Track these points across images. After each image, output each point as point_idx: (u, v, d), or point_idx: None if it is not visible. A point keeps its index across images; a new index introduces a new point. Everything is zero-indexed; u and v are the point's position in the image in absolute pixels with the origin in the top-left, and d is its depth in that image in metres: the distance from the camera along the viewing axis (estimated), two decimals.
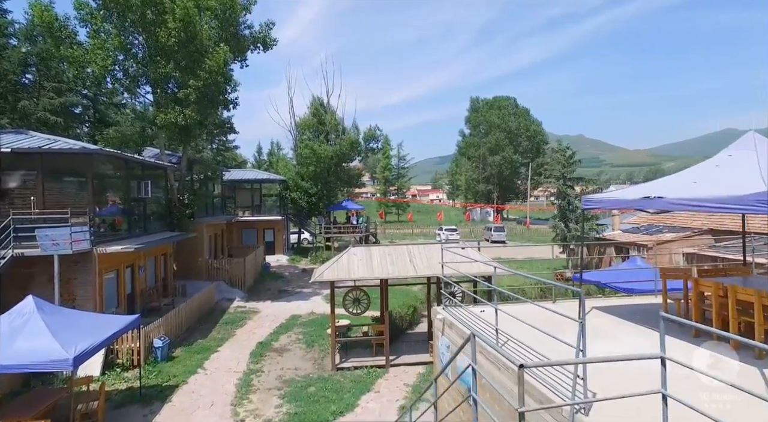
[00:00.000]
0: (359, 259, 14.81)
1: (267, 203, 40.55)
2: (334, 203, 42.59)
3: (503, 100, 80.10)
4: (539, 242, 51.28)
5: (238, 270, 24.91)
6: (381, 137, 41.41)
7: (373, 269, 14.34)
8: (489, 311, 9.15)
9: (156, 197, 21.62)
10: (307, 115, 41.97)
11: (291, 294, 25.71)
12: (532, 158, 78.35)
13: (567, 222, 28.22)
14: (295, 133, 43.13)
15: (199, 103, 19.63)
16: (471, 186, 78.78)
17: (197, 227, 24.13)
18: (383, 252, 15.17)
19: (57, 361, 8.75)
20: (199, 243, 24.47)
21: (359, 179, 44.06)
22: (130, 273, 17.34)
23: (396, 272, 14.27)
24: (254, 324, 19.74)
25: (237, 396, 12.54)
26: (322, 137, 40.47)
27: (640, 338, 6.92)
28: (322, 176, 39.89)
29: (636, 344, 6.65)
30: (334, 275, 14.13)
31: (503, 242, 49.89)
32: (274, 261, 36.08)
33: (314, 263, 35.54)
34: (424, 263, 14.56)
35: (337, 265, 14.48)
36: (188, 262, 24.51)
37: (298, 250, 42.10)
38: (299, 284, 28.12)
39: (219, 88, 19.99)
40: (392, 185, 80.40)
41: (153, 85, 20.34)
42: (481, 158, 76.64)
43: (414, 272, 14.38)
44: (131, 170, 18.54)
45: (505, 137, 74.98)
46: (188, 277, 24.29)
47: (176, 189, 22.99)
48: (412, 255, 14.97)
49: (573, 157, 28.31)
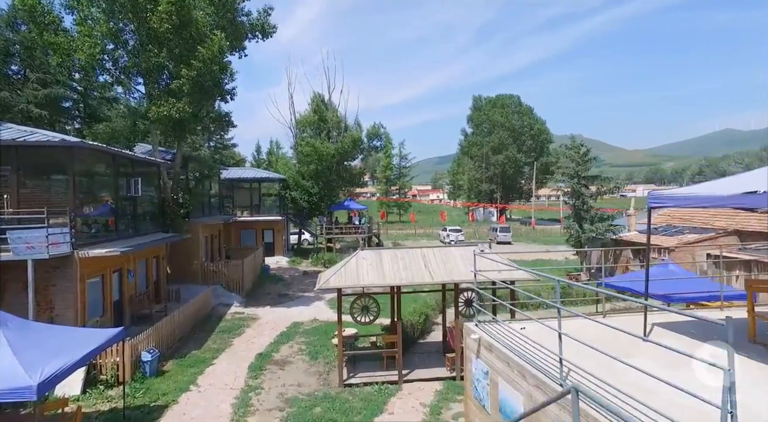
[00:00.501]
0: (369, 264, 13.42)
1: (266, 202, 39.15)
2: (336, 202, 41.19)
3: (506, 98, 78.65)
4: (545, 242, 49.95)
5: (235, 274, 23.49)
6: (384, 135, 39.97)
7: (384, 275, 12.95)
8: (529, 327, 7.79)
9: (148, 195, 20.22)
10: (307, 112, 40.58)
11: (292, 299, 24.30)
12: (536, 157, 76.98)
13: (581, 223, 26.82)
14: (296, 130, 41.74)
15: (193, 95, 18.23)
16: (474, 186, 77.38)
17: (192, 227, 22.72)
18: (395, 256, 13.77)
19: (18, 390, 7.31)
20: (194, 245, 23.05)
21: (361, 178, 42.62)
22: (117, 278, 15.94)
23: (410, 279, 12.89)
24: (253, 332, 18.34)
25: (233, 420, 11.13)
26: (324, 134, 39.07)
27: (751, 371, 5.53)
28: (323, 174, 38.48)
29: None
30: (342, 282, 12.73)
31: (509, 242, 48.58)
32: (273, 263, 34.67)
33: (315, 265, 34.16)
34: (440, 269, 13.18)
35: (344, 270, 13.09)
36: (183, 265, 23.10)
37: (299, 251, 40.70)
38: (300, 288, 26.72)
39: (214, 78, 18.58)
40: (393, 185, 78.97)
41: (145, 76, 18.91)
42: (484, 157, 75.25)
43: (430, 279, 13.00)
44: (120, 166, 17.13)
45: (509, 135, 73.55)
46: (183, 281, 22.88)
47: (170, 187, 21.59)
48: (427, 260, 13.59)
49: (588, 154, 26.93)
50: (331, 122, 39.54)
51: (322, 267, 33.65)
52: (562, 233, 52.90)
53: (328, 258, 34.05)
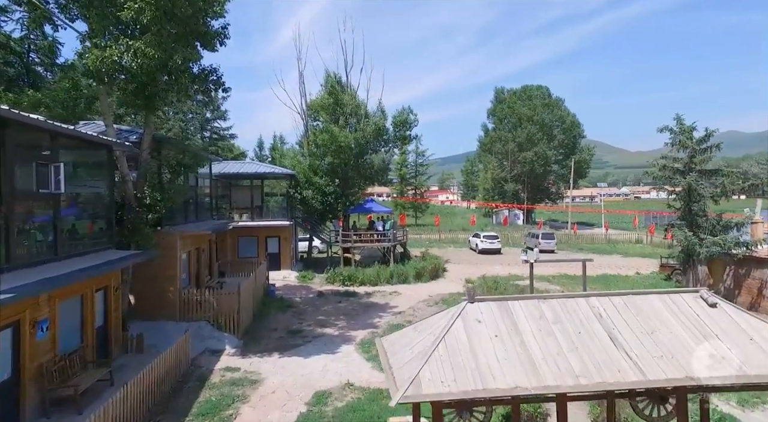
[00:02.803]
0: (491, 334, 6.45)
1: (269, 203, 32.22)
2: (355, 204, 34.22)
3: (534, 89, 71.30)
4: (592, 250, 42.86)
5: (229, 305, 16.55)
6: (415, 123, 33.00)
7: (537, 369, 5.96)
8: None
9: (93, 193, 13.31)
10: (321, 94, 33.60)
11: (308, 339, 17.32)
12: (567, 153, 69.73)
13: (697, 232, 19.77)
14: (306, 118, 34.78)
15: (160, 32, 11.34)
16: (497, 185, 70.17)
17: (166, 240, 15.81)
18: (540, 316, 6.77)
19: None
20: (169, 265, 16.13)
21: (385, 174, 35.60)
22: (9, 339, 8.98)
23: (590, 374, 5.91)
24: (253, 416, 11.37)
25: None
26: (341, 120, 32.11)
27: None
28: (340, 169, 31.55)
29: None
30: (445, 386, 5.76)
31: (552, 251, 41.54)
32: (280, 279, 27.72)
33: (333, 283, 27.20)
34: (647, 348, 6.21)
35: (443, 352, 6.14)
36: (154, 292, 16.21)
37: (309, 262, 33.72)
38: (318, 320, 19.77)
39: (193, 4, 11.61)
40: (409, 185, 71.77)
41: (85, 5, 11.98)
42: (509, 154, 68.12)
43: (635, 374, 6.00)
44: (30, 140, 10.22)
45: (538, 130, 66.30)
46: (154, 315, 15.98)
47: (132, 182, 14.67)
48: (609, 324, 6.60)
49: (707, 140, 19.87)
50: (348, 107, 32.57)
51: (341, 286, 26.71)
52: (630, 242, 45.51)
53: (348, 275, 27.09)
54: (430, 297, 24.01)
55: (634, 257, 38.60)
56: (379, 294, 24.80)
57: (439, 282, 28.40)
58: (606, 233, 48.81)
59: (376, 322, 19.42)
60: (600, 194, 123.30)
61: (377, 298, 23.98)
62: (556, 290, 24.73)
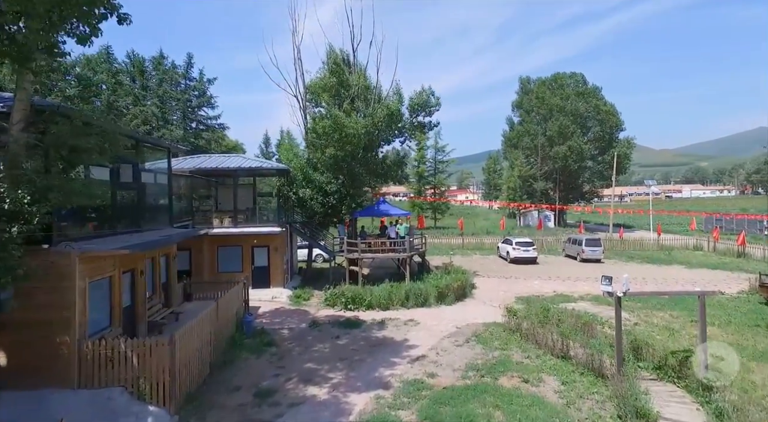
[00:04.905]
0: None
1: (260, 205, 26.62)
2: (364, 205, 28.41)
3: (566, 77, 64.31)
4: (645, 259, 36.24)
5: (159, 361, 10.82)
6: (437, 108, 26.97)
7: None
8: None
9: None
10: (323, 73, 27.86)
11: (280, 406, 11.46)
12: (604, 148, 62.70)
13: None
14: (304, 102, 29.08)
15: None
16: (525, 184, 63.61)
17: (55, 264, 10.18)
18: None
19: None
20: (60, 302, 10.48)
21: (401, 169, 29.61)
22: None
23: None
24: None
25: None
26: (346, 103, 26.33)
27: None
28: (346, 163, 25.78)
29: None
30: None
31: (599, 260, 35.17)
32: (267, 300, 22.07)
33: (333, 306, 21.40)
34: None
35: None
36: (35, 347, 10.58)
37: (309, 276, 28.02)
38: (303, 368, 13.94)
39: None
40: (428, 184, 65.63)
41: None
42: (539, 149, 61.48)
43: None
44: None
45: (571, 122, 59.49)
46: (38, 381, 10.39)
47: None
48: None
49: None
50: (356, 88, 26.78)
51: (343, 309, 20.89)
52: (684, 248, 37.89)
53: (352, 296, 21.25)
54: (458, 330, 18.06)
55: (700, 269, 31.95)
56: (391, 324, 18.94)
57: (467, 305, 22.39)
58: (659, 238, 42.03)
59: (386, 376, 13.51)
60: (631, 193, 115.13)
61: (389, 330, 18.13)
62: (629, 322, 18.49)
